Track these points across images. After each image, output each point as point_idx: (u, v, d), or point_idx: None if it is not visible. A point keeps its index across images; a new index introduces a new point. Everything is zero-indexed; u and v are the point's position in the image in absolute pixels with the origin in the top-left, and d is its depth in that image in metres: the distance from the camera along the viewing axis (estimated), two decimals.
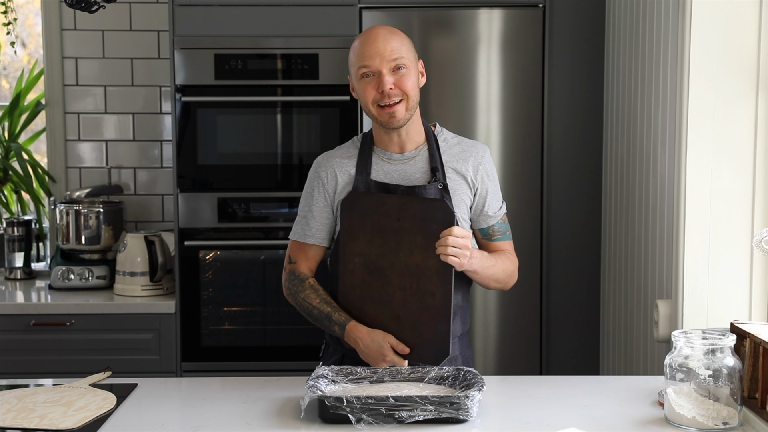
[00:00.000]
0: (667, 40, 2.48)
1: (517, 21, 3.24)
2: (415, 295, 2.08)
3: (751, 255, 2.28)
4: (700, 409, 1.77)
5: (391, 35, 2.14)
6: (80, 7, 2.40)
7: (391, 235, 2.10)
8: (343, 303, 2.16)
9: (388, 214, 2.10)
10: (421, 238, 2.07)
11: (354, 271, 2.13)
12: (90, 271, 3.44)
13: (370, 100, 2.12)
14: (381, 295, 2.11)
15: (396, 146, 2.20)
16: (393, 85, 2.10)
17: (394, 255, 2.10)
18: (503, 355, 3.34)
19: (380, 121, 2.14)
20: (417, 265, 2.08)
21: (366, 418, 1.76)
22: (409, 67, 2.13)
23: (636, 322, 2.78)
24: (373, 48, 2.11)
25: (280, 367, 3.25)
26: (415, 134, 2.20)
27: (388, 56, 2.10)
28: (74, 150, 3.79)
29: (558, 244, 3.32)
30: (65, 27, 3.74)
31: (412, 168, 2.18)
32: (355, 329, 2.10)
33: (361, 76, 2.13)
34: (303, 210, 2.25)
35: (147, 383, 2.12)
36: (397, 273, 2.10)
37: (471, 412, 1.79)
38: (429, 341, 2.07)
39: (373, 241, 2.11)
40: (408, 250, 2.08)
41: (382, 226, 2.10)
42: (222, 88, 3.22)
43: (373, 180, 2.17)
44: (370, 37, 2.14)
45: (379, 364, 2.07)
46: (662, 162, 2.53)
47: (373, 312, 2.12)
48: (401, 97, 2.11)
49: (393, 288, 2.10)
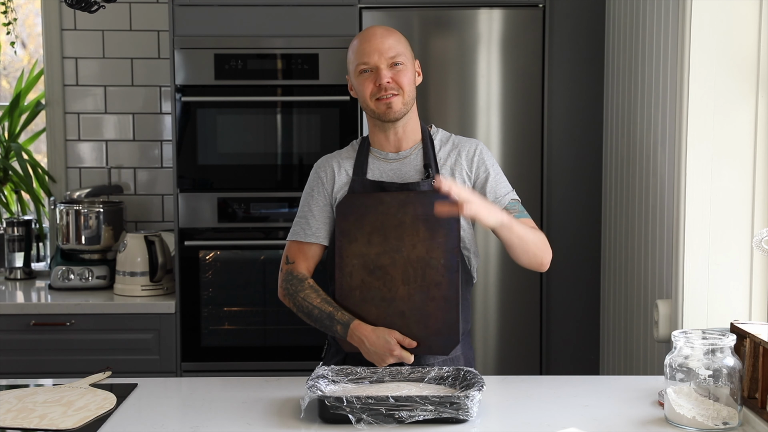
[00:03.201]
0: (667, 40, 2.48)
1: (517, 21, 3.24)
2: (420, 287, 2.09)
3: (751, 255, 2.27)
4: (700, 409, 1.77)
5: (389, 33, 2.19)
6: (80, 7, 2.40)
7: (392, 231, 2.11)
8: (342, 306, 2.15)
9: (387, 212, 2.12)
10: (423, 230, 2.09)
11: (352, 273, 2.14)
12: (90, 271, 3.44)
13: (368, 94, 2.17)
14: (383, 293, 2.12)
15: (392, 145, 2.22)
16: (390, 79, 2.15)
17: (396, 251, 2.11)
18: (503, 355, 3.34)
19: (377, 114, 2.17)
20: (420, 257, 2.09)
21: (366, 418, 1.76)
22: (405, 63, 2.18)
23: (636, 322, 2.78)
24: (371, 45, 2.16)
25: (280, 367, 3.25)
26: (411, 133, 2.23)
27: (386, 52, 2.15)
28: (74, 150, 3.79)
29: (558, 244, 3.32)
30: (65, 27, 3.74)
31: (406, 166, 2.20)
32: (360, 327, 2.09)
33: (360, 73, 2.17)
34: (302, 210, 2.26)
35: (147, 383, 2.12)
36: (400, 269, 2.11)
37: (471, 412, 1.79)
38: (437, 331, 2.08)
39: (372, 240, 2.12)
40: (411, 244, 2.10)
41: (382, 224, 2.12)
42: (222, 88, 3.23)
43: (368, 179, 2.19)
44: (367, 35, 2.19)
45: (385, 360, 2.06)
46: (662, 162, 2.53)
47: (375, 311, 2.12)
48: (397, 91, 2.16)
49: (396, 284, 2.11)
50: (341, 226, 2.15)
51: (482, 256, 3.24)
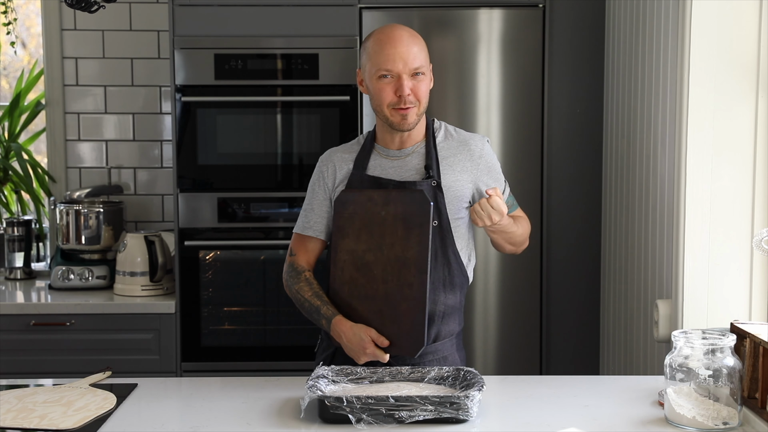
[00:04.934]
0: (667, 40, 2.48)
1: (517, 21, 3.24)
2: (396, 287, 2.09)
3: (751, 255, 2.27)
4: (700, 409, 1.77)
5: (413, 40, 2.14)
6: (80, 7, 2.40)
7: (377, 229, 2.12)
8: (334, 300, 2.17)
9: (374, 209, 2.13)
10: (401, 229, 2.09)
11: (343, 268, 2.15)
12: (90, 271, 3.44)
13: (386, 102, 2.14)
14: (366, 290, 2.12)
15: (397, 145, 2.23)
16: (410, 90, 2.11)
17: (378, 249, 2.12)
18: (503, 355, 3.34)
19: (391, 122, 2.16)
20: (397, 257, 2.10)
21: (366, 418, 1.76)
22: (425, 73, 2.16)
23: (636, 322, 2.78)
24: (396, 51, 2.11)
25: (280, 367, 3.25)
26: (416, 133, 2.23)
27: (411, 62, 2.11)
28: (74, 150, 3.79)
29: (558, 244, 3.32)
30: (65, 27, 3.74)
31: (408, 165, 2.21)
32: (340, 323, 2.10)
33: (379, 77, 2.13)
34: (305, 204, 2.29)
35: (147, 383, 2.12)
36: (381, 267, 2.11)
37: (471, 412, 1.79)
38: (406, 333, 2.08)
39: (361, 237, 2.13)
40: (390, 243, 2.10)
41: (370, 221, 2.13)
42: (222, 88, 3.22)
43: (367, 174, 2.20)
44: (393, 37, 2.13)
45: (360, 358, 2.06)
46: (662, 162, 2.53)
47: (360, 308, 2.13)
48: (415, 103, 2.14)
49: (377, 282, 2.11)
50: (336, 221, 2.17)
51: (482, 256, 3.24)
